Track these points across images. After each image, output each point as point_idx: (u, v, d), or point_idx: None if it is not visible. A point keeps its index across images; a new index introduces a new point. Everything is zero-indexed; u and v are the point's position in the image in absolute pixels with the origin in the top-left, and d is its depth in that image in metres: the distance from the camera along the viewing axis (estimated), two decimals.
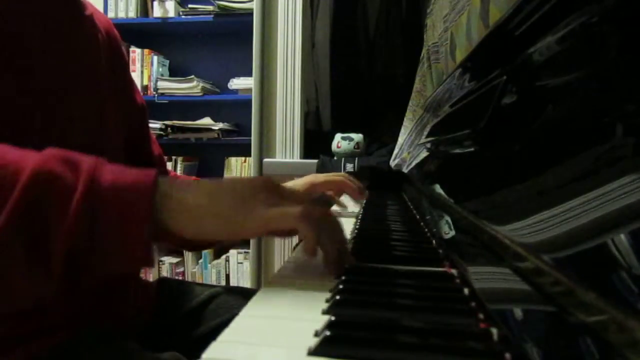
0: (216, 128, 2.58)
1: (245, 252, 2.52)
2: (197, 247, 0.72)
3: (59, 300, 0.56)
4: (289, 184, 0.90)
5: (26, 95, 0.55)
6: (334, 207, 0.93)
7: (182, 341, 0.70)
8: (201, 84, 2.60)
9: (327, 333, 0.30)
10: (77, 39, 0.64)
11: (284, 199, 0.45)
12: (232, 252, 2.57)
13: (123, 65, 0.78)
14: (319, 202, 0.47)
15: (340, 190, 0.93)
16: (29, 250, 0.37)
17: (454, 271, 0.46)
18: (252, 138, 2.12)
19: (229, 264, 2.59)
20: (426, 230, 0.69)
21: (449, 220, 0.57)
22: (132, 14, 2.64)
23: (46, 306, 0.55)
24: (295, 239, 2.10)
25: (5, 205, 0.35)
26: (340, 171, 1.90)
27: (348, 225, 0.77)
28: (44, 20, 0.59)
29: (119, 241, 0.39)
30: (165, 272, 2.63)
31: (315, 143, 2.15)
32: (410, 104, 1.58)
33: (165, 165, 0.92)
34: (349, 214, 0.90)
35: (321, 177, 0.93)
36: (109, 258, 0.40)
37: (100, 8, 2.58)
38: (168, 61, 2.81)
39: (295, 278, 0.48)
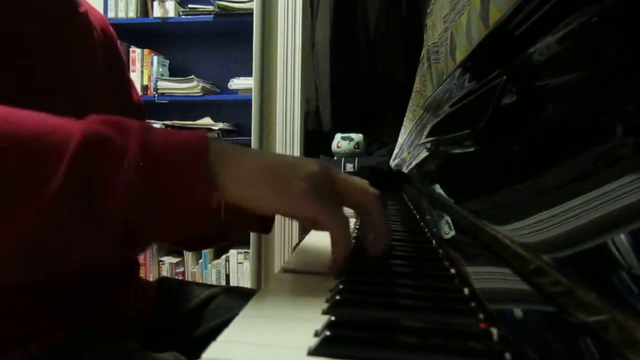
0: (216, 128, 2.58)
1: (245, 252, 2.52)
2: (204, 244, 0.71)
3: (59, 301, 0.56)
4: None
5: (26, 95, 0.55)
6: None
7: (182, 341, 0.70)
8: (201, 84, 2.60)
9: (327, 333, 0.30)
10: (73, 37, 0.64)
11: (335, 194, 0.45)
12: (232, 252, 2.57)
13: (119, 63, 0.78)
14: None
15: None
16: (86, 213, 0.36)
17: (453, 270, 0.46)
18: (252, 138, 2.12)
19: (229, 264, 2.59)
20: (426, 230, 0.69)
21: (449, 220, 0.57)
22: (132, 14, 2.64)
23: (50, 305, 0.55)
24: (295, 239, 2.10)
25: (59, 169, 0.34)
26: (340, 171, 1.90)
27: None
28: (43, 19, 0.59)
29: (175, 201, 0.38)
30: (165, 272, 2.63)
31: (315, 143, 2.15)
32: (410, 104, 1.58)
33: None
34: (348, 214, 0.90)
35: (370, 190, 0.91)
36: (166, 219, 0.39)
37: (100, 8, 2.58)
38: (168, 61, 2.81)
39: (295, 278, 0.48)
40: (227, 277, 2.60)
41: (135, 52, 2.68)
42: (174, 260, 2.65)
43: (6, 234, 0.34)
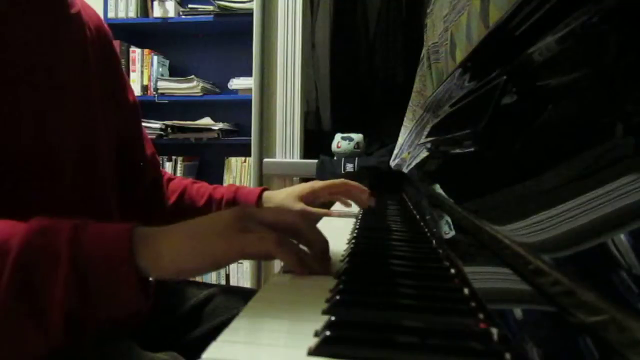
0: (216, 128, 2.58)
1: None
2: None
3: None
4: (289, 189, 0.90)
5: (14, 100, 0.55)
6: (338, 207, 0.93)
7: (181, 341, 0.70)
8: (201, 84, 2.60)
9: (327, 333, 0.30)
10: (62, 39, 0.63)
11: (259, 225, 0.47)
12: None
13: (114, 62, 0.77)
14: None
15: (343, 195, 0.92)
16: (30, 319, 0.40)
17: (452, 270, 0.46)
18: (252, 138, 2.12)
19: None
20: (426, 230, 0.69)
21: (449, 220, 0.57)
22: (132, 14, 2.64)
23: None
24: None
25: (1, 280, 0.39)
26: (340, 171, 1.90)
27: (348, 226, 0.77)
28: (32, 25, 0.59)
29: (108, 297, 0.42)
30: None
31: (315, 143, 2.14)
32: (410, 104, 1.58)
33: (158, 165, 0.91)
34: (349, 214, 0.90)
35: (321, 183, 0.92)
36: (104, 311, 0.43)
37: (100, 8, 2.58)
38: (168, 61, 2.81)
39: (295, 278, 0.48)
40: (227, 277, 2.60)
41: (135, 52, 2.67)
42: None
43: None
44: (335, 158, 2.01)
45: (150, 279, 0.44)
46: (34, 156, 0.57)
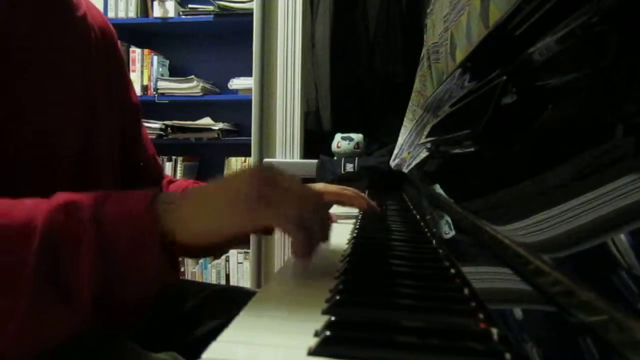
0: (216, 128, 2.58)
1: (245, 252, 2.52)
2: (209, 252, 0.71)
3: None
4: None
5: (16, 98, 0.55)
6: (336, 209, 0.93)
7: (181, 341, 0.70)
8: (201, 84, 2.60)
9: (327, 333, 0.30)
10: (66, 42, 0.64)
11: (282, 190, 0.45)
12: (232, 252, 2.57)
13: (118, 64, 0.78)
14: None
15: (349, 203, 0.91)
16: (59, 299, 0.39)
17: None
18: (252, 138, 2.12)
19: (229, 264, 2.58)
20: (426, 230, 0.69)
21: (449, 220, 0.57)
22: (132, 14, 2.64)
23: None
24: None
25: (25, 269, 0.38)
26: (340, 171, 1.90)
27: (348, 226, 0.77)
28: (33, 26, 0.59)
29: (135, 269, 0.41)
30: None
31: (315, 143, 2.14)
32: (410, 104, 1.58)
33: (159, 165, 0.91)
34: (349, 215, 0.90)
35: (332, 187, 0.91)
36: (131, 286, 0.42)
37: (100, 8, 2.58)
38: (168, 61, 2.81)
39: (295, 278, 0.48)
40: (227, 277, 2.60)
41: (135, 52, 2.67)
42: None
43: None
44: (335, 158, 2.01)
45: (180, 258, 0.44)
46: (34, 153, 0.58)
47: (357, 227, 0.74)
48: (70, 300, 0.39)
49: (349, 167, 1.92)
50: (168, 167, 2.65)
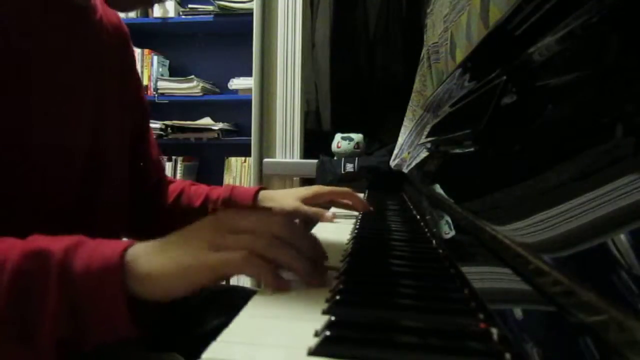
0: (216, 128, 2.58)
1: None
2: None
3: None
4: (294, 190, 0.90)
5: (33, 100, 0.56)
6: (335, 210, 0.93)
7: (182, 341, 0.70)
8: (201, 84, 2.60)
9: (327, 333, 0.30)
10: (83, 45, 0.65)
11: (232, 234, 0.44)
12: None
13: (130, 64, 0.79)
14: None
15: (342, 204, 0.91)
16: (21, 338, 0.41)
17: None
18: (252, 138, 2.12)
19: None
20: (426, 230, 0.69)
21: (449, 220, 0.57)
22: (132, 14, 2.64)
23: None
24: None
25: None
26: (340, 171, 1.90)
27: (348, 226, 0.77)
28: (55, 31, 0.60)
29: (99, 320, 0.42)
30: None
31: (315, 143, 2.14)
32: (410, 104, 1.58)
33: (163, 169, 0.93)
34: (348, 215, 0.90)
35: (326, 188, 0.91)
36: (95, 334, 0.43)
37: None
38: (168, 61, 2.81)
39: (295, 278, 0.47)
40: (227, 277, 2.59)
41: (135, 52, 2.67)
42: None
43: None
44: (335, 158, 2.01)
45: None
46: (47, 150, 0.59)
47: (357, 226, 0.74)
48: (32, 341, 0.40)
49: (349, 167, 1.92)
50: (168, 167, 2.65)
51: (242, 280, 2.56)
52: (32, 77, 0.57)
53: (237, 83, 2.56)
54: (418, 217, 0.82)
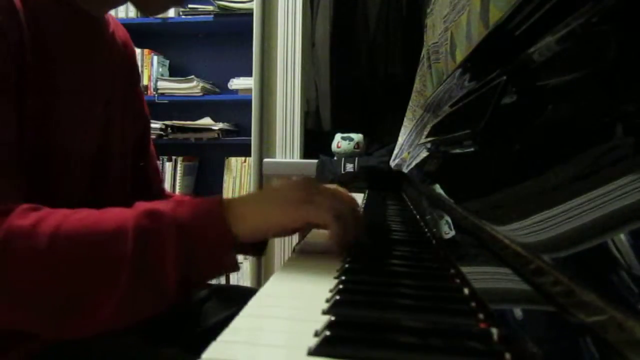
0: (216, 128, 2.58)
1: None
2: (256, 251, 0.77)
3: None
4: None
5: (53, 108, 0.60)
6: None
7: (182, 338, 0.71)
8: (201, 84, 2.60)
9: (327, 333, 0.30)
10: (98, 59, 0.69)
11: (321, 193, 0.54)
12: None
13: (136, 80, 0.83)
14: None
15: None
16: (150, 286, 0.48)
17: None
18: (252, 138, 2.12)
19: None
20: (426, 230, 0.69)
21: (449, 220, 0.57)
22: (132, 14, 2.64)
23: None
24: (295, 239, 2.10)
25: (126, 266, 0.47)
26: (340, 171, 1.90)
27: None
28: (71, 43, 0.63)
29: (211, 257, 0.51)
30: None
31: (315, 143, 2.14)
32: (410, 104, 1.58)
33: (159, 178, 0.95)
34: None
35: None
36: (208, 272, 0.52)
37: None
38: (168, 61, 2.81)
39: (295, 278, 0.48)
40: (227, 277, 2.59)
41: (136, 52, 2.67)
42: None
43: (101, 309, 0.47)
44: (335, 158, 2.01)
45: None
46: (58, 154, 0.62)
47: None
48: (159, 286, 0.48)
49: (349, 167, 1.92)
50: (168, 167, 2.65)
51: (242, 281, 2.56)
52: (58, 81, 0.60)
53: (237, 83, 2.56)
54: (418, 217, 0.82)
